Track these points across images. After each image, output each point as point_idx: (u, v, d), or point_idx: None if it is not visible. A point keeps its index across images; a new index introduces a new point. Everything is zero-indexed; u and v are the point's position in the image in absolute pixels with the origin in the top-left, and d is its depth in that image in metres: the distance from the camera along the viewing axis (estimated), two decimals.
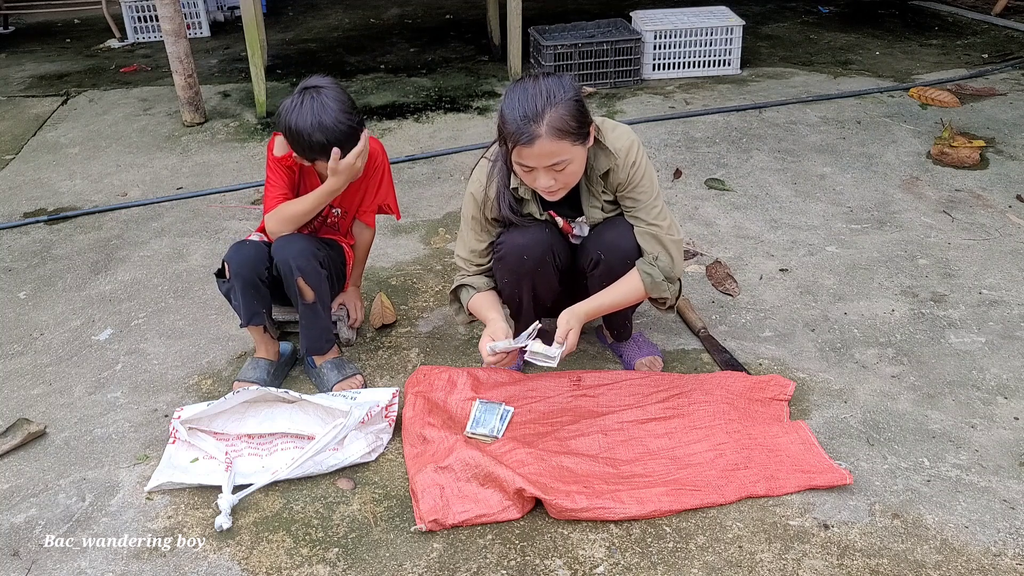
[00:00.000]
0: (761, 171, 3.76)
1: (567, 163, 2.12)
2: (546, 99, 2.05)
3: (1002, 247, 3.14)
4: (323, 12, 6.53)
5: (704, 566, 1.94)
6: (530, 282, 2.36)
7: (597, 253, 2.32)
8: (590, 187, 2.30)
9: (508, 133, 2.09)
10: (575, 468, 2.17)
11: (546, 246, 2.31)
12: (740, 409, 2.35)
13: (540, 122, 2.05)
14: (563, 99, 2.07)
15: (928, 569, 1.92)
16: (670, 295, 2.36)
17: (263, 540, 2.05)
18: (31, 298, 3.09)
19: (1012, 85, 4.57)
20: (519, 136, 2.06)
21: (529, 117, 2.05)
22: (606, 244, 2.31)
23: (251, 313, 2.47)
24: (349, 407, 2.27)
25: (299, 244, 2.44)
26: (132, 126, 4.53)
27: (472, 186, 2.34)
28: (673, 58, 4.87)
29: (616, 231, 2.31)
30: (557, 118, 2.05)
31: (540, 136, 2.05)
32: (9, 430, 2.39)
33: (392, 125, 4.42)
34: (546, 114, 2.05)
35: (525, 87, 2.09)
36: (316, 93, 2.33)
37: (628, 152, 2.23)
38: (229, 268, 2.46)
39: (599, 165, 2.25)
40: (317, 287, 2.46)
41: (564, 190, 2.20)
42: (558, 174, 2.13)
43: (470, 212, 2.36)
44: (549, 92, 2.07)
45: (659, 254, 2.29)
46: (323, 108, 2.31)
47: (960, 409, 2.38)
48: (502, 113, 2.11)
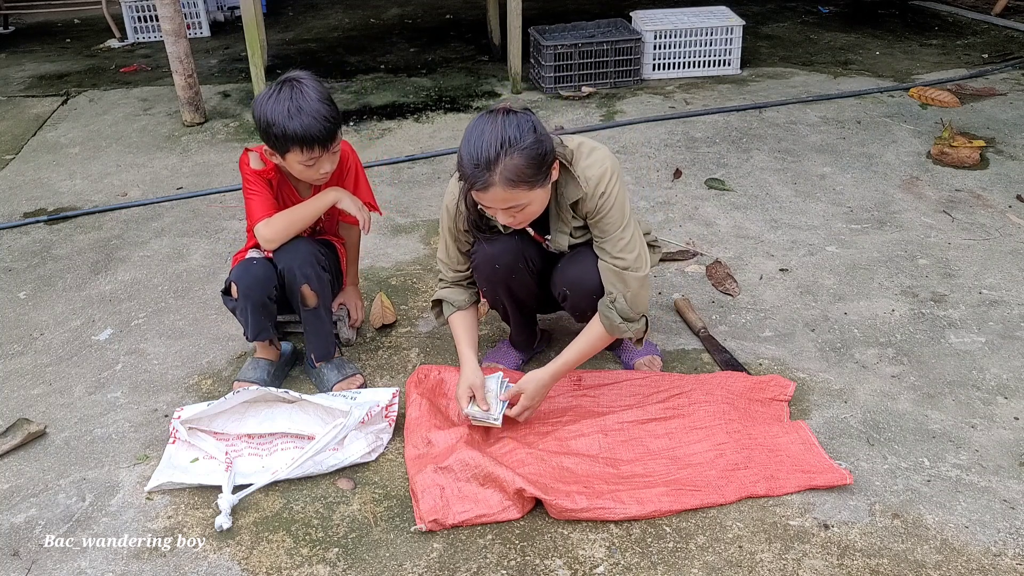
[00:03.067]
0: (761, 171, 3.76)
1: (524, 206, 2.08)
2: (500, 146, 1.98)
3: (1002, 247, 3.14)
4: (323, 12, 6.53)
5: (704, 566, 1.94)
6: (506, 287, 2.37)
7: (563, 289, 2.32)
8: (559, 213, 2.25)
9: (464, 175, 2.05)
10: (575, 468, 2.17)
11: (516, 253, 2.30)
12: (740, 409, 2.35)
13: (493, 171, 1.99)
14: (518, 147, 1.98)
15: (928, 569, 1.92)
16: (632, 334, 2.30)
17: (263, 540, 2.05)
18: (31, 298, 3.09)
19: (1012, 85, 4.57)
20: (474, 181, 2.02)
21: (482, 165, 1.99)
22: (570, 280, 2.29)
23: (259, 329, 2.46)
24: (349, 407, 2.27)
25: (303, 251, 2.42)
26: (132, 126, 4.53)
27: (447, 198, 2.32)
28: (673, 58, 4.87)
29: (580, 267, 2.27)
30: (511, 168, 1.99)
31: (493, 184, 2.00)
32: (9, 430, 2.39)
33: (392, 125, 4.42)
34: (500, 163, 1.98)
35: (482, 129, 2.01)
36: (295, 83, 2.29)
37: (599, 182, 2.16)
38: (237, 289, 2.41)
39: (568, 194, 2.19)
40: (321, 292, 2.45)
41: (525, 223, 2.17)
42: (517, 213, 2.10)
43: (445, 224, 2.35)
44: (504, 139, 1.98)
45: (617, 295, 2.21)
46: (302, 96, 2.25)
47: (960, 409, 2.39)
48: (460, 152, 2.06)
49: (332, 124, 2.29)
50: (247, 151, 2.45)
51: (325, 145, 2.29)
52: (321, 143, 2.28)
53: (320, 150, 2.29)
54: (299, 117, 2.24)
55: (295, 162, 2.32)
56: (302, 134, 2.25)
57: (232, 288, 2.43)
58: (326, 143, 2.29)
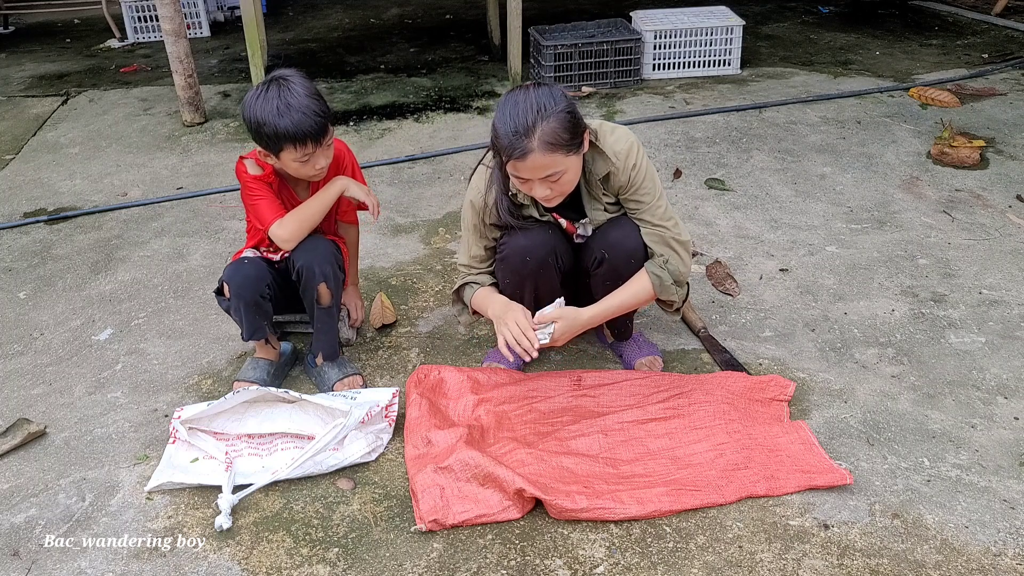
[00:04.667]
0: (761, 171, 3.76)
1: (561, 173, 2.12)
2: (536, 112, 2.05)
3: (1002, 247, 3.14)
4: (323, 12, 6.53)
5: (704, 566, 1.94)
6: (532, 283, 2.36)
7: (601, 252, 2.32)
8: (590, 191, 2.30)
9: (501, 147, 2.10)
10: (575, 468, 2.17)
11: (549, 248, 2.32)
12: (740, 409, 2.36)
13: (531, 136, 2.04)
14: (554, 111, 2.06)
15: (928, 569, 1.92)
16: (678, 298, 2.36)
17: (263, 540, 2.05)
18: (31, 298, 3.09)
19: (1012, 85, 4.57)
20: (512, 151, 2.07)
21: (520, 132, 2.05)
22: (610, 243, 2.31)
23: (254, 329, 2.46)
24: (349, 407, 2.27)
25: (322, 249, 2.42)
26: (132, 126, 4.53)
27: (471, 194, 2.34)
28: (673, 58, 4.87)
29: (621, 230, 2.31)
30: (549, 132, 2.05)
31: (532, 151, 2.05)
32: (9, 430, 2.39)
33: (392, 125, 4.42)
34: (537, 128, 2.04)
35: (516, 100, 2.08)
36: (283, 81, 2.28)
37: (628, 155, 2.23)
38: (229, 289, 2.41)
39: (597, 169, 2.25)
40: (335, 291, 2.45)
41: (560, 197, 2.20)
42: (553, 184, 2.13)
43: (470, 220, 2.36)
44: (540, 105, 2.06)
45: (669, 256, 2.29)
46: (290, 93, 2.24)
47: (960, 409, 2.39)
48: (494, 127, 2.11)
49: (322, 118, 2.28)
50: (242, 159, 2.44)
51: (317, 140, 2.29)
52: (313, 138, 2.27)
53: (313, 145, 2.29)
54: (288, 114, 2.23)
55: (290, 160, 2.32)
56: (293, 131, 2.24)
57: (224, 288, 2.43)
58: (318, 138, 2.29)
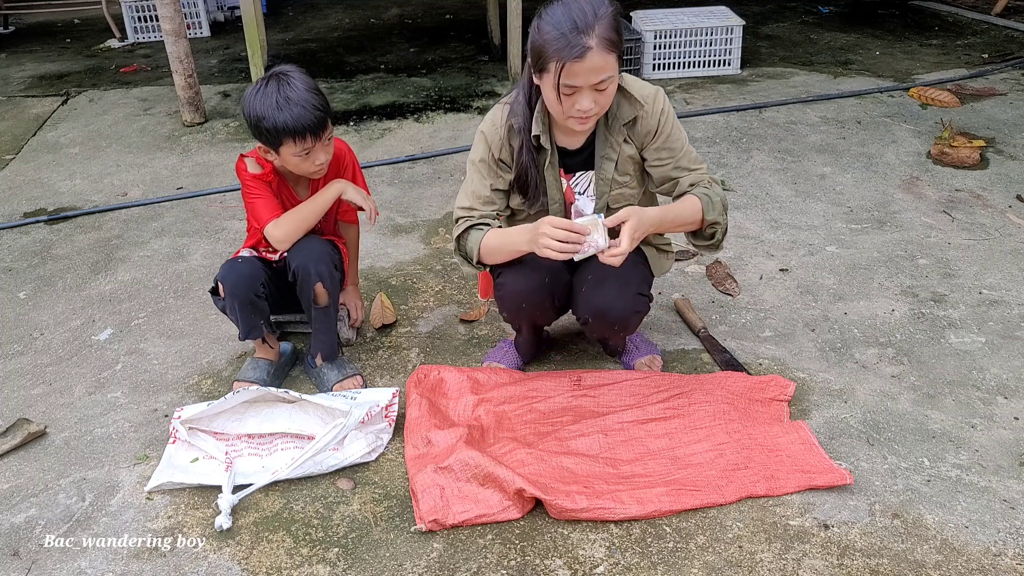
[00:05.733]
0: (761, 171, 3.76)
1: (611, 82, 2.03)
2: (593, 12, 1.96)
3: (1002, 247, 3.14)
4: (323, 12, 6.53)
5: (704, 566, 1.94)
6: (529, 320, 2.43)
7: (586, 316, 2.32)
8: (609, 134, 2.23)
9: (553, 50, 1.96)
10: (575, 468, 2.17)
11: (545, 292, 2.30)
12: (740, 409, 2.36)
13: (591, 34, 1.94)
14: (607, 12, 1.98)
15: (928, 569, 1.92)
16: (722, 223, 2.25)
17: (263, 540, 2.05)
18: (31, 298, 3.09)
19: (1012, 85, 4.57)
20: (569, 51, 1.95)
21: (579, 29, 1.94)
22: (594, 309, 2.28)
23: (249, 327, 2.46)
24: (349, 407, 2.27)
25: (317, 249, 2.42)
26: (132, 126, 4.53)
27: (484, 126, 2.25)
28: (673, 58, 4.87)
29: (606, 296, 2.26)
30: (607, 28, 1.96)
31: (591, 48, 1.95)
32: (9, 430, 2.39)
33: (392, 125, 4.42)
34: (596, 25, 1.95)
35: (566, 4, 1.98)
36: (282, 76, 2.29)
37: (655, 99, 2.19)
38: (223, 287, 2.41)
39: (623, 114, 2.19)
40: (332, 291, 2.45)
41: (596, 118, 2.11)
42: (599, 95, 2.04)
43: (479, 154, 2.26)
44: (593, 4, 1.97)
45: (711, 185, 2.24)
46: (289, 87, 2.25)
47: (960, 409, 2.39)
48: (541, 31, 1.99)
49: (322, 112, 2.28)
50: (242, 157, 2.45)
51: (316, 134, 2.29)
52: (312, 132, 2.27)
53: (312, 139, 2.29)
54: (288, 108, 2.24)
55: (289, 155, 2.32)
56: (292, 124, 2.24)
57: (219, 287, 2.43)
58: (317, 132, 2.29)
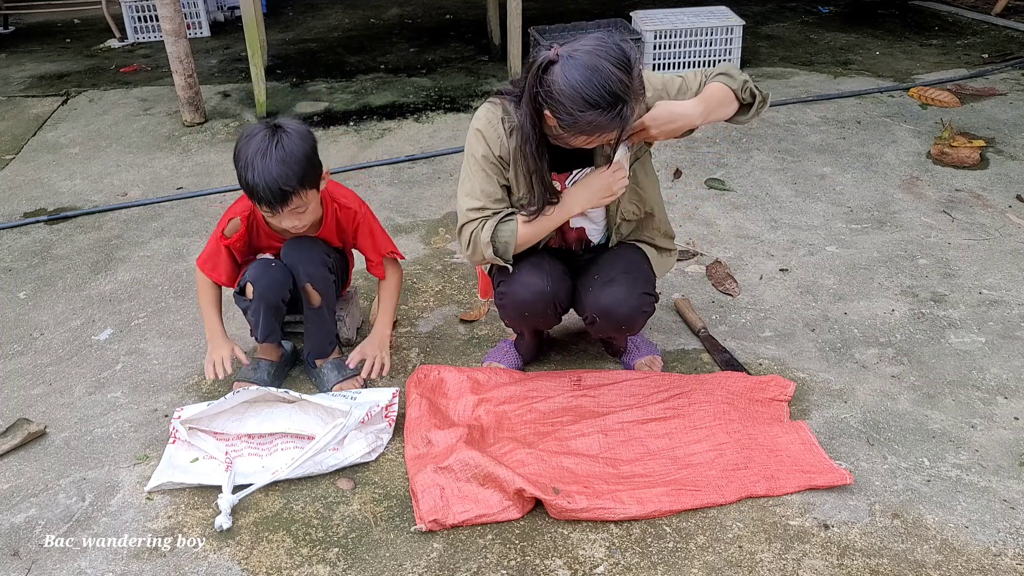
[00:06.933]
0: (761, 171, 3.76)
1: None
2: (622, 81, 1.87)
3: (1002, 247, 3.14)
4: (323, 12, 6.53)
5: (704, 566, 1.94)
6: (531, 326, 2.44)
7: (593, 315, 2.32)
8: None
9: (583, 123, 1.90)
10: (575, 468, 2.17)
11: (547, 301, 2.29)
12: (740, 409, 2.36)
13: (623, 110, 1.89)
14: (637, 71, 1.90)
15: (928, 569, 1.92)
16: (757, 91, 2.21)
17: (263, 540, 2.05)
18: (31, 298, 3.09)
19: (1012, 85, 4.57)
20: (600, 133, 1.93)
21: (611, 110, 1.88)
22: (602, 308, 2.28)
23: (269, 331, 2.47)
24: (349, 407, 2.27)
25: (309, 251, 2.43)
26: (132, 126, 4.53)
27: (478, 123, 2.17)
28: (673, 58, 4.87)
29: (614, 295, 2.26)
30: (636, 95, 1.91)
31: (616, 129, 1.93)
32: (9, 430, 2.39)
33: (392, 125, 4.42)
34: (628, 100, 1.89)
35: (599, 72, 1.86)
36: (279, 131, 2.18)
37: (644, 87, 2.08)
38: (254, 289, 2.40)
39: None
40: (324, 292, 2.46)
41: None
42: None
43: (479, 151, 2.17)
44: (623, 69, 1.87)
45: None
46: (273, 148, 2.13)
47: (960, 409, 2.39)
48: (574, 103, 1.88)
49: (287, 189, 2.14)
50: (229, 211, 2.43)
51: (273, 207, 2.19)
52: (269, 205, 2.18)
53: (270, 208, 2.20)
54: (253, 169, 2.13)
55: (258, 210, 2.29)
56: (251, 186, 2.16)
57: (248, 288, 2.42)
58: (274, 206, 2.18)
